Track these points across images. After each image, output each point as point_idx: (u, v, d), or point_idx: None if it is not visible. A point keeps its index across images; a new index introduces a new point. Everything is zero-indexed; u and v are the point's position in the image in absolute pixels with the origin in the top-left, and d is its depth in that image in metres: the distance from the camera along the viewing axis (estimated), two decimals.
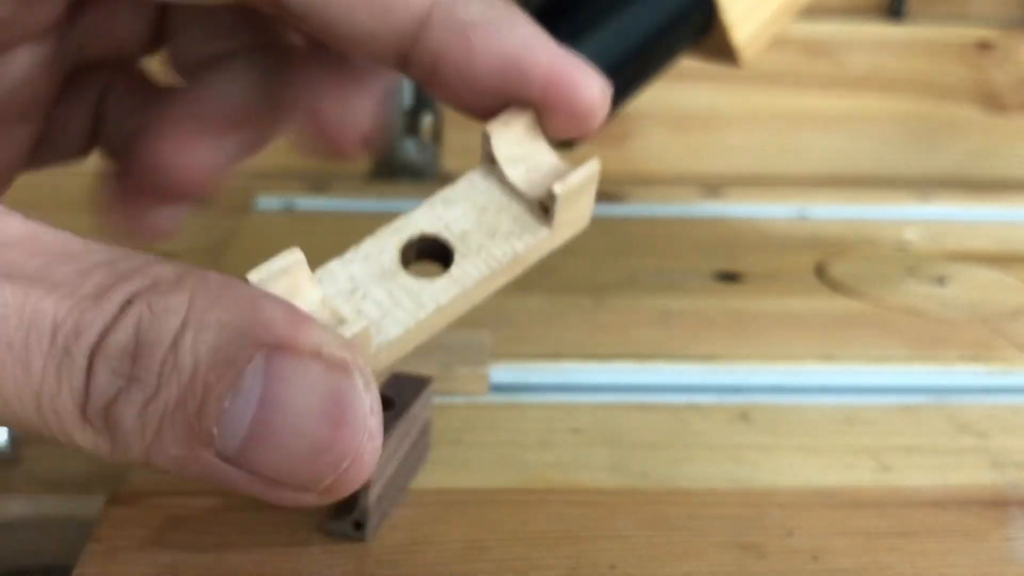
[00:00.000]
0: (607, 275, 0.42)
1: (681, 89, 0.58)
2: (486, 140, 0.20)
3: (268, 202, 0.49)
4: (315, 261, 0.25)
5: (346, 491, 0.17)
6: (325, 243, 0.30)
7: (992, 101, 0.60)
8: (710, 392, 0.32)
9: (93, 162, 0.25)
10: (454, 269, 0.20)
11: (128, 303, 0.16)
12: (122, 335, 0.16)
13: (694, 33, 0.36)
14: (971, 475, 0.28)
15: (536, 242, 0.20)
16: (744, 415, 0.31)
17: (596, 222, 0.26)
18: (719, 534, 0.24)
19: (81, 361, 0.16)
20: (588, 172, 0.20)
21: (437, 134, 0.54)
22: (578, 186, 0.20)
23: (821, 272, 0.43)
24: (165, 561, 0.23)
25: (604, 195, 0.53)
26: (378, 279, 0.19)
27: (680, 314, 0.38)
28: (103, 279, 0.16)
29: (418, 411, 0.25)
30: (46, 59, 0.23)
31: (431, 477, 0.26)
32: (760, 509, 0.25)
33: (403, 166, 0.55)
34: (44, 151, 0.25)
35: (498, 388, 0.32)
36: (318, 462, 0.16)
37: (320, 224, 0.47)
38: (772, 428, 0.30)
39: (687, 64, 0.39)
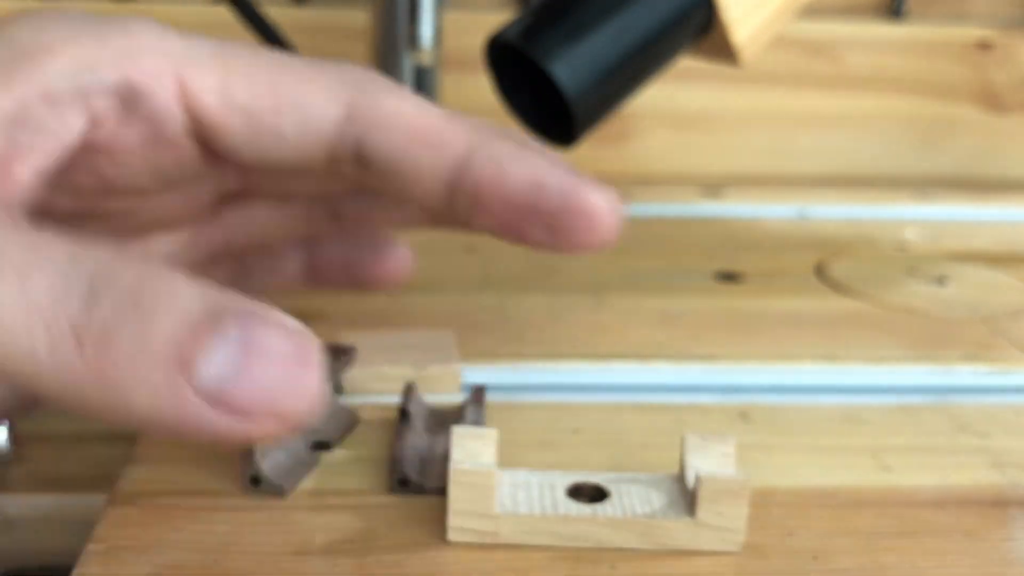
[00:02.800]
0: (607, 275, 0.42)
1: (681, 89, 0.58)
2: (683, 447, 0.25)
3: None
4: None
5: (296, 422, 0.20)
6: None
7: (992, 101, 0.60)
8: (710, 392, 0.32)
9: None
10: (597, 505, 0.24)
11: (127, 255, 0.20)
12: (125, 274, 0.19)
13: (694, 33, 0.36)
14: (971, 475, 0.28)
15: (676, 523, 0.23)
16: (744, 415, 0.31)
17: None
18: None
19: (81, 285, 0.19)
20: (737, 478, 0.23)
21: None
22: (722, 484, 0.23)
23: (821, 272, 0.43)
24: (165, 561, 0.23)
25: None
26: (542, 483, 0.25)
27: (680, 314, 0.38)
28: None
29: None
30: (185, 245, 0.29)
31: None
32: (760, 509, 0.25)
33: None
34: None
35: (498, 388, 0.32)
36: (287, 395, 0.19)
37: None
38: (772, 428, 0.30)
39: (687, 64, 0.39)
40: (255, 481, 0.25)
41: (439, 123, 0.26)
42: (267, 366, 0.19)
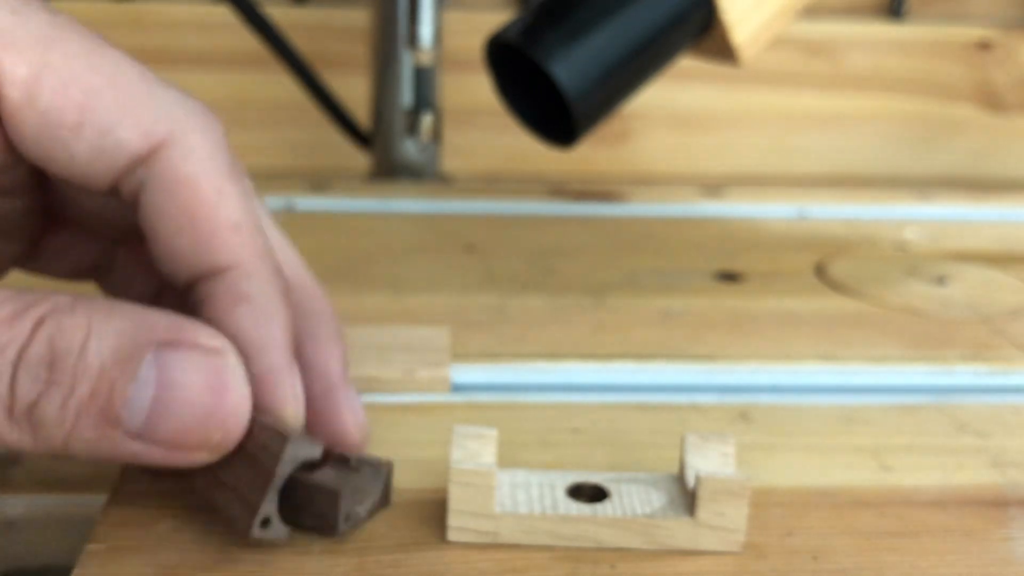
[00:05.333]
0: (607, 275, 0.42)
1: (681, 89, 0.58)
2: (683, 446, 0.25)
3: (268, 202, 0.49)
4: (312, 259, 0.26)
5: (231, 445, 0.22)
6: (325, 242, 0.30)
7: (992, 101, 0.60)
8: (710, 392, 0.32)
9: None
10: (597, 504, 0.24)
11: (39, 323, 0.21)
12: (38, 348, 0.20)
13: (694, 33, 0.36)
14: (971, 475, 0.28)
15: (676, 523, 0.23)
16: (744, 415, 0.31)
17: (596, 222, 0.26)
18: None
19: (6, 371, 0.20)
20: (738, 478, 0.23)
21: (437, 134, 0.54)
22: (722, 484, 0.23)
23: (821, 272, 0.43)
24: (165, 561, 0.23)
25: (604, 195, 0.54)
26: (541, 483, 0.25)
27: (680, 314, 0.38)
28: (13, 307, 0.21)
29: None
30: (21, 209, 0.27)
31: (432, 478, 0.26)
32: (760, 509, 0.25)
33: (403, 166, 0.55)
34: (36, 265, 0.29)
35: (498, 388, 0.32)
36: (208, 424, 0.21)
37: (320, 224, 0.47)
38: (772, 428, 0.30)
39: (687, 64, 0.39)
40: (265, 523, 0.25)
41: (225, 226, 0.24)
42: (184, 400, 0.21)
